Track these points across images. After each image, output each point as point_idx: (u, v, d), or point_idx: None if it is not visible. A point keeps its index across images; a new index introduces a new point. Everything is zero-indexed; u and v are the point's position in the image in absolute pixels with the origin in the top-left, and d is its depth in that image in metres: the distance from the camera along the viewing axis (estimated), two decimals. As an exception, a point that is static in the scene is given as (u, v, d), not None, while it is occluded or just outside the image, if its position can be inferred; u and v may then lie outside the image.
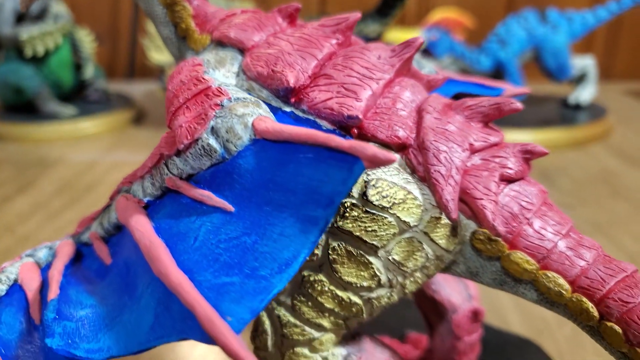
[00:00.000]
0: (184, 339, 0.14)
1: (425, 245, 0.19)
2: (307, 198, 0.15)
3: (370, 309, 0.19)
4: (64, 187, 0.67)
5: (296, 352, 0.20)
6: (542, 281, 0.18)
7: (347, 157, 0.14)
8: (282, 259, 0.14)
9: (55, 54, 0.84)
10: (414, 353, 0.30)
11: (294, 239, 0.15)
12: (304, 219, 0.15)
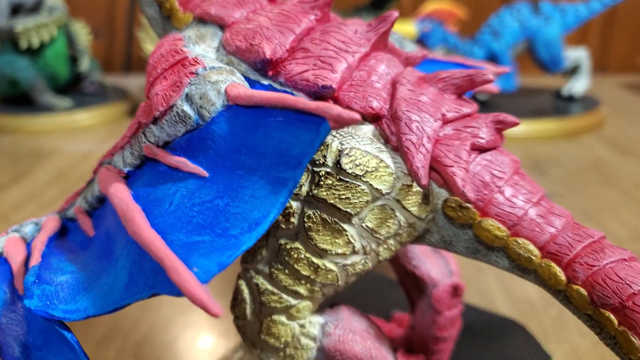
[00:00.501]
0: (155, 294, 0.14)
1: (398, 212, 0.19)
2: (276, 160, 0.15)
3: (346, 276, 0.20)
4: (59, 177, 0.67)
5: (274, 319, 0.20)
6: (513, 248, 0.19)
7: (314, 119, 0.15)
8: (252, 219, 0.15)
9: (51, 47, 0.84)
10: (398, 331, 0.30)
11: (264, 200, 0.15)
12: (273, 181, 0.15)
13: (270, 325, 0.21)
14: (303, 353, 0.21)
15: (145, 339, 0.38)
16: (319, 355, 0.21)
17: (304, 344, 0.21)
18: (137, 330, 0.39)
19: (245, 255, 0.21)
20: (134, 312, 0.41)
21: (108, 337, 0.38)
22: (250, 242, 0.14)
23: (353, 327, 0.21)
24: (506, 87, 0.81)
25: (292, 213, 0.19)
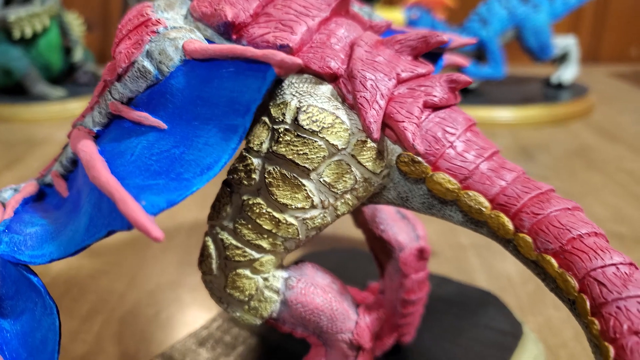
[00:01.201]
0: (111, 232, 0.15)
1: (354, 167, 0.20)
2: (228, 109, 0.16)
3: (306, 230, 0.21)
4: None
5: (238, 273, 0.21)
6: (464, 200, 0.19)
7: (260, 67, 0.15)
8: (205, 164, 0.16)
9: (44, 37, 0.85)
10: (370, 298, 0.31)
11: (216, 147, 0.16)
12: (225, 129, 0.16)
13: (235, 279, 0.21)
14: (267, 305, 0.22)
15: (130, 313, 0.39)
16: (282, 308, 0.22)
17: (268, 297, 0.21)
18: (122, 305, 0.40)
19: (211, 213, 0.22)
20: (120, 288, 0.42)
21: (93, 311, 0.39)
22: (200, 184, 0.15)
23: (315, 281, 0.22)
24: (495, 75, 0.82)
25: (253, 169, 0.20)
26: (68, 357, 0.34)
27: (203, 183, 0.15)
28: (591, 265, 0.17)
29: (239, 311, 0.22)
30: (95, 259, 0.46)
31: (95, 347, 0.35)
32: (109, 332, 0.37)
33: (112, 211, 0.14)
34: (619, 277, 0.16)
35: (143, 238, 0.49)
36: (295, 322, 0.22)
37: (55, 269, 0.44)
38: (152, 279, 0.43)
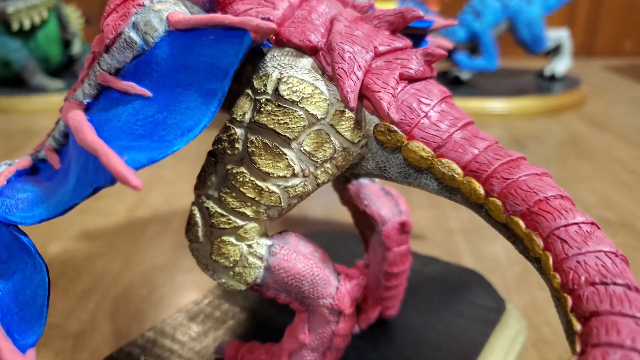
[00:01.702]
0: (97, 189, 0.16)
1: (333, 137, 0.21)
2: (208, 74, 0.17)
3: (288, 198, 0.22)
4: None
5: (223, 240, 0.22)
6: (438, 167, 0.20)
7: (237, 33, 0.16)
8: (186, 127, 0.17)
9: (42, 29, 0.86)
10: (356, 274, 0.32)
11: (197, 111, 0.17)
12: (205, 93, 0.17)
13: (220, 245, 0.22)
14: (251, 271, 0.22)
15: (124, 293, 0.40)
16: (265, 274, 0.23)
17: (252, 263, 0.22)
18: (116, 285, 0.41)
19: (197, 183, 0.23)
20: (114, 270, 0.42)
21: (88, 291, 0.40)
22: (181, 144, 0.16)
23: (298, 249, 0.23)
24: (488, 67, 0.82)
25: (236, 139, 0.21)
26: (63, 334, 0.35)
27: (184, 143, 0.16)
28: (555, 224, 0.17)
29: (224, 277, 0.23)
30: (92, 242, 0.47)
31: (90, 325, 0.36)
32: (103, 311, 0.38)
33: (97, 169, 0.15)
34: (580, 234, 0.17)
35: (139, 222, 0.50)
36: (278, 287, 0.23)
37: (52, 252, 0.45)
38: (147, 261, 0.44)
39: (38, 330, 0.17)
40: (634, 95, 0.93)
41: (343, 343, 0.24)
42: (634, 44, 1.19)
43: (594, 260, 0.16)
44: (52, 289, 0.40)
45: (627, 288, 0.16)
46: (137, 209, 0.53)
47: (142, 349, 0.30)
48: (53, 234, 0.48)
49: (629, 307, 0.15)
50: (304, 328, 0.24)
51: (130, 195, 0.56)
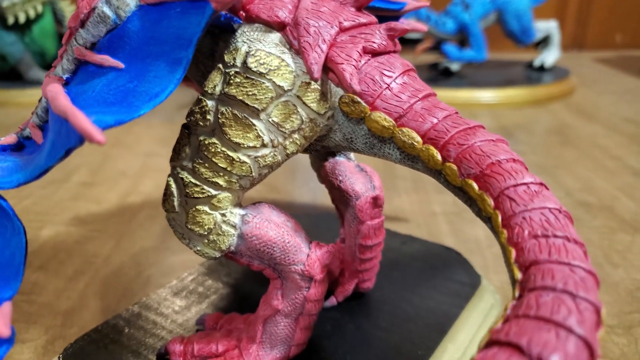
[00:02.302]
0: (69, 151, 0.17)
1: (299, 108, 0.22)
2: (175, 44, 0.18)
3: (258, 168, 0.23)
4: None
5: (198, 209, 0.23)
6: (399, 136, 0.21)
7: (201, 4, 0.17)
8: (153, 93, 0.18)
9: (38, 23, 0.87)
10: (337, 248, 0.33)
11: (164, 79, 0.18)
12: (172, 62, 0.18)
13: (195, 214, 0.23)
14: (224, 239, 0.23)
15: (113, 274, 0.41)
16: (239, 242, 0.24)
17: (225, 231, 0.23)
18: (106, 266, 0.42)
19: (173, 155, 0.24)
20: (104, 252, 0.44)
21: (79, 272, 0.41)
22: (148, 109, 0.17)
23: (270, 218, 0.24)
24: (477, 57, 0.83)
25: (208, 111, 0.22)
26: (53, 312, 0.36)
27: (150, 108, 0.17)
28: (505, 184, 0.18)
29: (199, 245, 0.24)
30: (83, 227, 0.48)
31: (79, 303, 0.37)
32: (92, 290, 0.39)
33: (69, 131, 0.16)
34: (528, 193, 0.18)
35: (130, 208, 0.51)
36: (251, 254, 0.24)
37: (44, 236, 0.46)
38: (136, 244, 0.45)
39: (14, 286, 0.18)
40: (622, 86, 0.94)
41: (315, 308, 0.25)
42: (625, 37, 1.20)
43: (539, 216, 0.17)
44: (43, 270, 0.41)
45: (566, 240, 0.17)
46: (129, 196, 0.54)
47: (126, 321, 0.31)
48: (45, 219, 0.49)
49: (566, 255, 0.16)
50: (278, 294, 0.25)
51: (122, 183, 0.57)
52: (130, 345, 0.29)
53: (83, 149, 0.67)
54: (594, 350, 0.14)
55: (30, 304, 0.37)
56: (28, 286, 0.39)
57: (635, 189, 0.54)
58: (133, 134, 0.73)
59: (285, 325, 0.25)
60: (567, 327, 0.14)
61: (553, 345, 0.13)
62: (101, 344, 0.29)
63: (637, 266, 0.41)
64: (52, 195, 0.55)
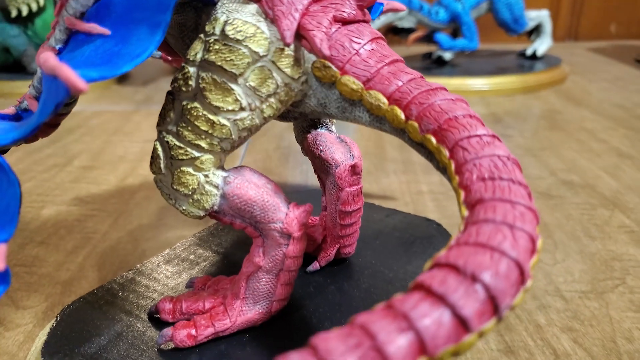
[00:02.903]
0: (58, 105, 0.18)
1: (275, 73, 0.23)
2: (155, 9, 0.20)
3: (237, 131, 0.24)
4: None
5: (182, 170, 0.25)
6: (367, 99, 0.23)
7: (178, -29, 0.19)
8: (135, 54, 0.19)
9: (40, 16, 0.89)
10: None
11: (145, 41, 0.20)
12: (152, 25, 0.20)
13: (180, 175, 0.25)
14: (208, 198, 0.25)
15: (110, 248, 0.43)
16: (221, 201, 0.25)
17: (208, 190, 0.25)
18: (104, 242, 0.44)
19: (159, 121, 0.25)
20: (103, 229, 0.45)
21: (78, 247, 0.43)
22: (130, 67, 0.19)
23: (251, 179, 0.26)
24: (469, 46, 0.85)
25: (190, 77, 0.24)
26: (53, 282, 0.38)
27: (132, 66, 0.19)
28: (459, 136, 0.20)
29: (184, 205, 0.25)
30: (83, 206, 0.50)
31: (78, 274, 0.39)
32: (90, 263, 0.41)
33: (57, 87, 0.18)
34: (480, 143, 0.20)
35: (128, 189, 0.53)
36: (233, 213, 0.26)
37: (45, 214, 0.48)
38: (134, 221, 0.47)
39: (10, 230, 0.20)
40: (614, 74, 0.95)
41: (294, 265, 0.27)
42: (619, 27, 1.21)
43: (488, 162, 0.19)
44: (43, 245, 0.43)
45: (511, 182, 0.18)
46: (127, 178, 0.56)
47: (121, 285, 0.32)
48: (46, 200, 0.51)
49: (509, 194, 0.18)
50: (259, 252, 0.27)
51: (121, 166, 0.59)
52: (124, 306, 0.30)
53: (84, 136, 0.69)
54: (525, 272, 0.15)
55: (31, 275, 0.39)
56: (29, 259, 0.41)
57: (618, 169, 0.55)
58: (132, 122, 0.75)
59: (267, 281, 0.27)
60: (500, 250, 0.15)
61: (486, 264, 0.15)
62: (96, 305, 0.31)
63: (614, 238, 0.42)
64: (54, 178, 0.56)
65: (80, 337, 0.28)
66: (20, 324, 0.34)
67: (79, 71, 0.17)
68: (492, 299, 0.14)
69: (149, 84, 0.97)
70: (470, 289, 0.14)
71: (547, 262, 0.39)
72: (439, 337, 0.13)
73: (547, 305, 0.34)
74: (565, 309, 0.34)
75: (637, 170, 0.55)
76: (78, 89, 0.16)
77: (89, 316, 0.30)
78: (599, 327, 0.32)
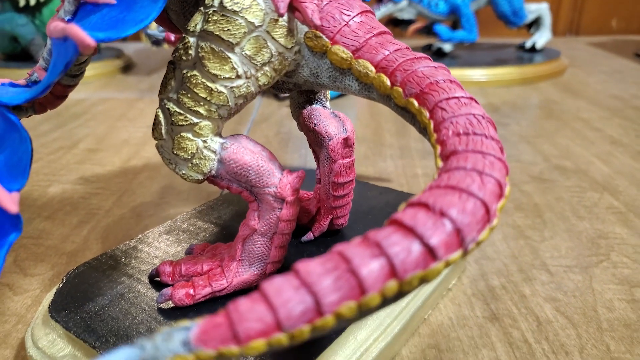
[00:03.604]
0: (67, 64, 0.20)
1: (269, 42, 0.25)
2: (158, -22, 0.21)
3: (234, 98, 0.26)
4: (53, 115, 0.74)
5: (182, 136, 0.26)
6: (356, 67, 0.24)
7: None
8: (138, 19, 0.21)
9: (47, 6, 0.90)
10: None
11: (147, 7, 0.21)
12: None
13: (179, 140, 0.26)
14: (206, 163, 0.27)
15: (114, 223, 0.44)
16: (219, 166, 0.27)
17: (206, 155, 0.27)
18: (107, 217, 0.45)
19: (160, 89, 0.27)
20: (107, 205, 0.47)
21: (83, 222, 0.44)
22: (134, 31, 0.20)
23: (247, 146, 0.27)
24: (469, 38, 0.86)
25: (189, 46, 0.25)
26: (59, 253, 0.40)
27: (135, 30, 0.21)
28: (439, 98, 0.21)
29: (184, 169, 0.27)
30: (88, 185, 0.51)
31: (82, 246, 0.41)
32: (94, 236, 0.42)
33: (67, 48, 0.19)
34: (458, 104, 0.21)
35: (132, 170, 0.55)
36: (230, 178, 0.27)
37: (52, 192, 0.50)
38: (137, 199, 0.48)
39: (22, 182, 0.22)
40: (613, 67, 0.96)
41: (287, 228, 0.28)
42: (620, 22, 1.22)
43: (464, 120, 0.20)
44: (50, 220, 0.45)
45: (484, 137, 0.20)
46: (131, 160, 0.58)
47: (123, 252, 0.34)
48: (53, 179, 0.53)
49: (481, 146, 0.19)
50: (254, 216, 0.28)
51: (125, 149, 0.61)
52: (126, 270, 0.32)
53: (89, 122, 0.71)
54: (490, 211, 0.17)
55: (38, 247, 0.41)
56: (36, 232, 0.43)
57: (610, 156, 0.56)
58: (136, 109, 0.77)
59: (261, 244, 0.28)
60: (468, 191, 0.17)
61: (454, 203, 0.16)
62: (100, 270, 0.32)
63: (601, 219, 0.43)
64: (60, 159, 0.58)
65: (84, 297, 0.29)
66: (28, 289, 0.36)
67: (88, 32, 0.19)
68: (458, 232, 0.15)
69: (153, 74, 0.99)
70: (438, 222, 0.15)
71: (535, 239, 0.40)
72: (408, 262, 0.15)
73: (533, 278, 0.36)
74: (550, 282, 0.35)
75: (629, 156, 0.56)
76: (86, 44, 0.18)
77: (93, 279, 0.31)
78: (582, 297, 0.34)
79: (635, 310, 0.32)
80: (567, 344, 0.30)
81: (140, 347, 0.14)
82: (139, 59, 1.11)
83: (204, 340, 0.14)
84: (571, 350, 0.29)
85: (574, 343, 0.30)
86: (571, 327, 0.31)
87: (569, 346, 0.29)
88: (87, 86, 0.89)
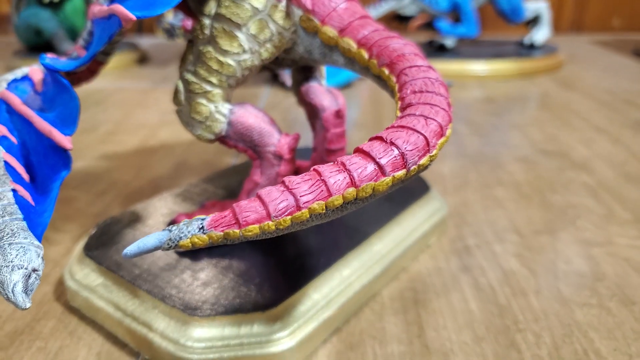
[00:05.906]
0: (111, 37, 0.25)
1: (270, 24, 0.30)
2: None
3: (241, 70, 0.31)
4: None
5: (197, 102, 0.31)
6: (341, 44, 0.29)
7: None
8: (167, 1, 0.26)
9: (70, 2, 0.96)
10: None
11: None
12: None
13: (195, 106, 0.31)
14: (217, 124, 0.32)
15: (133, 192, 0.49)
16: (228, 128, 0.32)
17: (217, 118, 0.32)
18: (127, 188, 0.50)
19: (180, 64, 0.32)
20: (126, 178, 0.52)
21: (104, 192, 0.50)
22: (163, 10, 0.25)
23: (251, 111, 0.32)
24: (469, 33, 0.90)
25: (205, 27, 0.30)
26: (85, 214, 0.45)
27: (166, 9, 0.26)
28: (404, 66, 0.26)
29: (199, 130, 0.32)
30: (109, 161, 0.57)
31: (105, 210, 0.46)
32: (116, 202, 0.47)
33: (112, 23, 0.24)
34: (418, 71, 0.26)
35: (149, 149, 0.60)
36: (236, 138, 0.32)
37: (76, 167, 0.55)
38: (154, 173, 0.53)
39: (73, 128, 0.27)
40: (611, 63, 1.00)
41: (284, 183, 0.33)
42: (622, 21, 1.25)
43: (420, 82, 0.25)
44: (77, 189, 0.50)
45: (435, 94, 0.24)
46: (148, 141, 0.63)
47: (144, 209, 0.39)
48: (76, 157, 0.58)
49: (430, 100, 0.24)
50: (257, 172, 0.33)
51: (142, 131, 0.66)
52: (147, 222, 0.37)
53: (109, 108, 0.76)
54: (430, 144, 0.21)
55: (68, 209, 0.46)
56: (66, 198, 0.48)
57: (593, 142, 0.61)
58: (152, 98, 0.82)
59: (262, 197, 0.33)
60: (414, 129, 0.21)
61: (402, 136, 0.21)
62: (126, 221, 0.37)
63: (574, 193, 0.48)
64: (83, 141, 0.64)
65: (112, 241, 0.35)
66: (61, 241, 0.41)
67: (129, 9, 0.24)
68: (402, 155, 0.20)
69: (167, 66, 1.04)
70: (388, 149, 0.20)
71: (511, 210, 0.45)
72: (363, 175, 0.19)
73: (505, 240, 0.40)
74: (520, 242, 0.40)
75: (609, 143, 0.60)
76: (129, 18, 0.23)
77: (121, 227, 0.36)
78: (545, 254, 0.38)
79: (589, 265, 0.37)
80: (526, 289, 0.34)
81: (169, 230, 0.19)
82: (153, 52, 1.17)
83: (215, 225, 0.19)
84: (528, 293, 0.34)
85: (532, 288, 0.34)
86: (532, 276, 0.36)
87: (527, 290, 0.34)
88: (105, 77, 0.94)
